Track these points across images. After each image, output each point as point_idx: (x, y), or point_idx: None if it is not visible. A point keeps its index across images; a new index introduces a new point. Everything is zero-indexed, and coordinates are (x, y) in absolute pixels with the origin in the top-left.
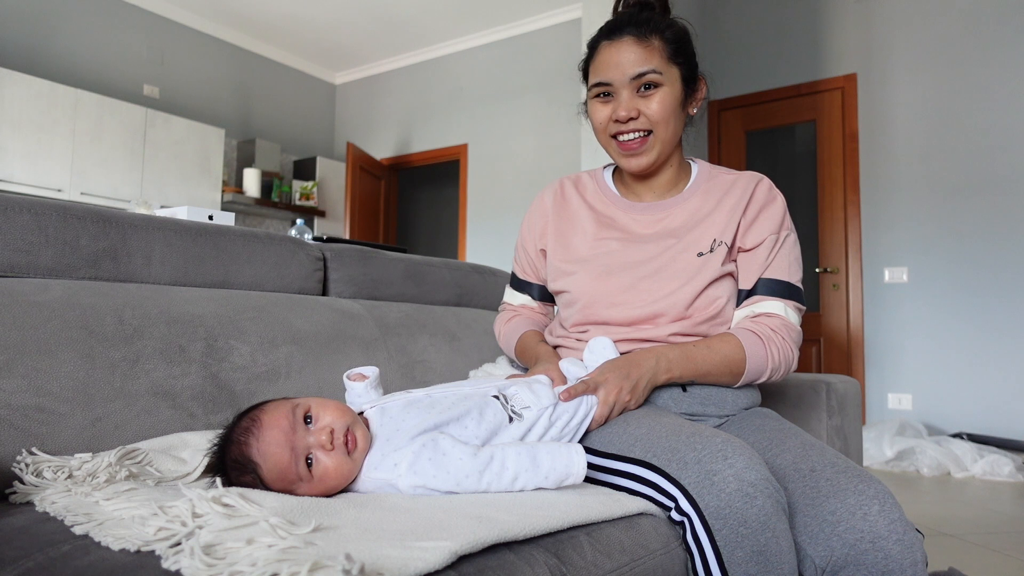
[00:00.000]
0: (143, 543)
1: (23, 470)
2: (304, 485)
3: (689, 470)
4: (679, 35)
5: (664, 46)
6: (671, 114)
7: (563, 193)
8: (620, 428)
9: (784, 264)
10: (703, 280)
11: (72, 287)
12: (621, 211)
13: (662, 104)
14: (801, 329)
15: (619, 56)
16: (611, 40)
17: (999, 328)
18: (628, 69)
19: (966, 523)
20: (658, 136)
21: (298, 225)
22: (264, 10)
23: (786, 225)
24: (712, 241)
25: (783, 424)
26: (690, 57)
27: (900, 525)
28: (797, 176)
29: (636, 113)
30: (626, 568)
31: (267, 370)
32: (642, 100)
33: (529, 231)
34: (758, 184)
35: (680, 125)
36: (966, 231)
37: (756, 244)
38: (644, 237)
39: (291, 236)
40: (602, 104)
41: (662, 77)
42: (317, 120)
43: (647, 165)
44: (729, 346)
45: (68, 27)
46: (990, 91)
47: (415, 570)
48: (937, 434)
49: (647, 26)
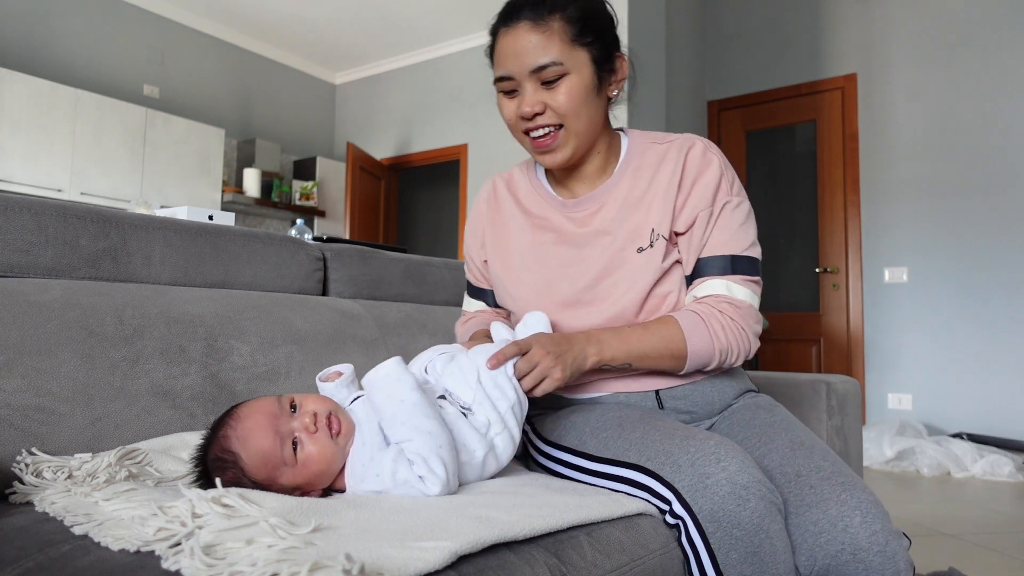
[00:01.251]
0: (143, 543)
1: (23, 470)
2: (288, 471)
3: (683, 473)
4: (585, 10)
5: (566, 27)
6: (582, 104)
7: (496, 196)
8: (615, 432)
9: (724, 236)
10: (648, 280)
11: (72, 287)
12: (554, 209)
13: (569, 96)
14: (753, 304)
15: (515, 45)
16: (507, 26)
17: (999, 328)
18: (526, 60)
19: (966, 523)
20: (570, 130)
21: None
22: (264, 10)
23: (722, 193)
24: (650, 233)
25: (774, 416)
26: (602, 33)
27: (882, 536)
28: (797, 176)
29: (542, 107)
30: (626, 568)
31: (267, 370)
32: (547, 92)
33: (472, 239)
34: (690, 150)
35: (598, 111)
36: (966, 231)
37: (689, 224)
38: (580, 238)
39: (291, 236)
40: (508, 99)
41: (564, 67)
42: (317, 120)
43: (563, 161)
44: (667, 327)
45: (68, 27)
46: (990, 91)
47: (415, 570)
48: (937, 434)
49: (544, 5)
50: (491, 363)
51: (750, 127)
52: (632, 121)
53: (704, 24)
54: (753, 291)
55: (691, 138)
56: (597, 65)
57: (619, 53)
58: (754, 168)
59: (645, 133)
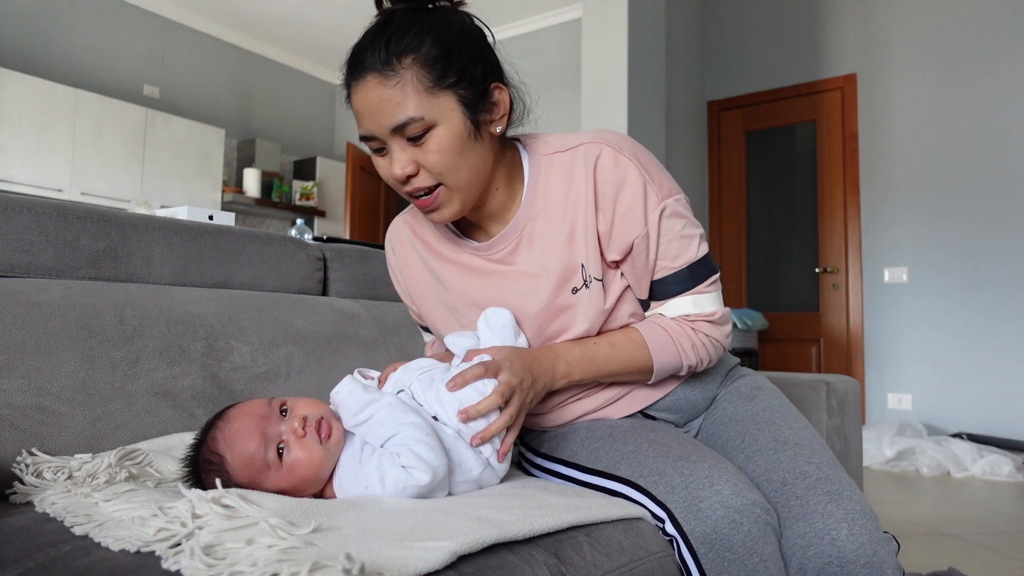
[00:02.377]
0: (143, 544)
1: (23, 471)
2: (272, 475)
3: (676, 495)
4: (441, 46)
5: (421, 73)
6: (458, 156)
7: (403, 247)
8: (606, 443)
9: (671, 249)
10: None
11: (72, 287)
12: (469, 256)
13: (440, 152)
14: (723, 308)
15: (366, 103)
16: (356, 80)
17: (999, 328)
18: (382, 120)
19: (966, 523)
20: (451, 186)
21: (298, 225)
22: (264, 10)
23: (651, 204)
24: (580, 270)
25: (756, 406)
26: (469, 68)
27: (869, 547)
28: (797, 176)
29: (414, 168)
30: (625, 568)
31: (267, 370)
32: (417, 150)
33: (399, 289)
34: (598, 161)
35: (480, 156)
36: (966, 231)
37: (626, 252)
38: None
39: (291, 236)
40: (379, 157)
41: (426, 120)
42: (317, 120)
43: (452, 216)
44: (633, 344)
45: (68, 27)
46: (990, 91)
47: (415, 570)
48: (937, 434)
49: (387, 49)
50: (450, 385)
51: (750, 127)
52: (632, 121)
53: (704, 24)
54: (717, 291)
55: (597, 143)
56: (469, 107)
57: (496, 84)
58: (754, 168)
59: (544, 139)
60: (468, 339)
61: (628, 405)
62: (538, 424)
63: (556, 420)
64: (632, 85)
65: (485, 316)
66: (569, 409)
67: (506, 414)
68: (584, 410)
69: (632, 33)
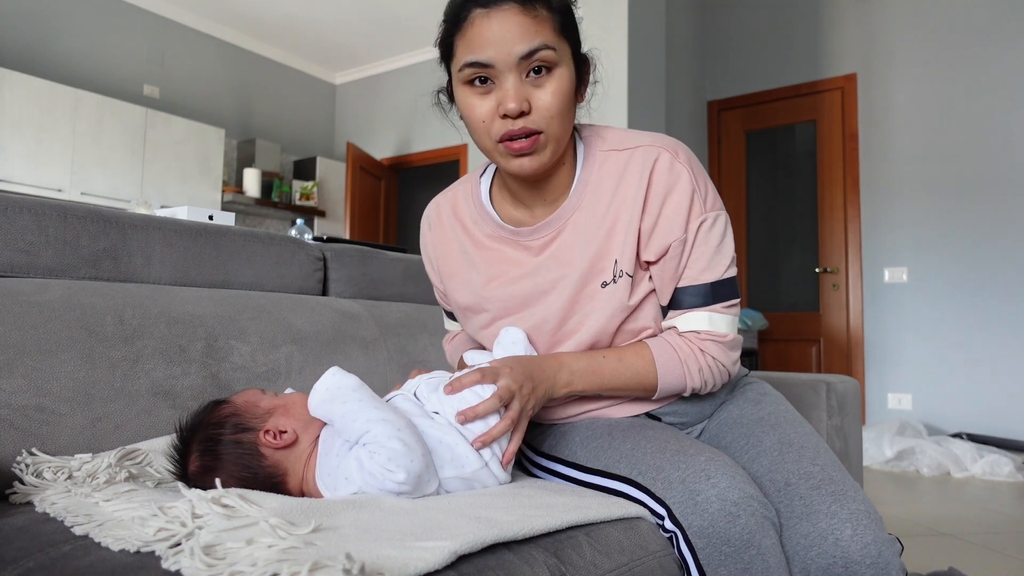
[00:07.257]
0: (143, 544)
1: (23, 470)
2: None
3: (673, 490)
4: (565, 3)
5: (552, 17)
6: (567, 104)
7: (441, 225)
8: (605, 442)
9: (702, 263)
10: (615, 320)
11: (72, 287)
12: (504, 244)
13: (557, 94)
14: (735, 333)
15: (501, 27)
16: (488, 8)
17: (999, 328)
18: (515, 46)
19: (966, 523)
20: (550, 135)
21: (298, 225)
22: (264, 10)
23: (695, 214)
24: (613, 266)
25: (761, 410)
26: (576, 31)
27: (874, 548)
28: (797, 176)
29: (527, 106)
30: (625, 568)
31: (267, 370)
32: (533, 89)
33: (429, 268)
34: (656, 163)
35: (572, 117)
36: (966, 231)
37: (661, 254)
38: (537, 272)
39: (291, 236)
40: (479, 95)
41: (556, 55)
42: (317, 120)
43: (539, 167)
44: (642, 361)
45: (68, 27)
46: (990, 91)
47: (415, 570)
48: (937, 434)
49: None
50: (447, 389)
51: (750, 127)
52: (632, 121)
53: (704, 24)
54: (734, 316)
55: (657, 146)
56: (577, 64)
57: (587, 54)
58: (754, 168)
59: (601, 135)
60: (487, 357)
61: (633, 406)
62: (540, 417)
63: (558, 415)
64: (632, 85)
65: (500, 340)
66: (572, 405)
67: (507, 418)
68: (587, 407)
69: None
